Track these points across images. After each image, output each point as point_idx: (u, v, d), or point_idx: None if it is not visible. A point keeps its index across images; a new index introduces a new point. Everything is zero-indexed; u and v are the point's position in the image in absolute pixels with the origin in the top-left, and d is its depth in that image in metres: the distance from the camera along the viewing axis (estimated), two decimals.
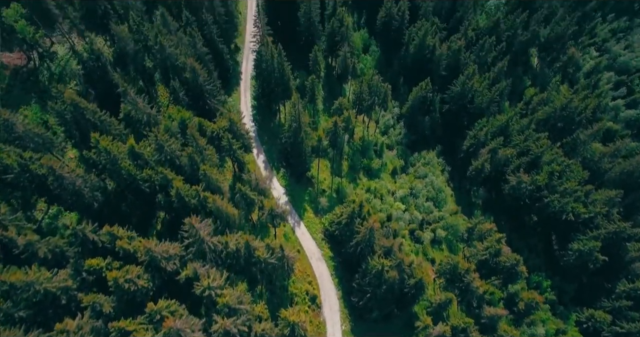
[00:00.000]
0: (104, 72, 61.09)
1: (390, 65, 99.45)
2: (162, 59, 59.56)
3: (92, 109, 46.96)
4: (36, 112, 59.98)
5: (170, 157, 49.92)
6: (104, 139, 44.82)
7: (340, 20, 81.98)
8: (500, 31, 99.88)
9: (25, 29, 56.13)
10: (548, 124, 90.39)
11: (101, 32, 66.87)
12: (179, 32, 65.60)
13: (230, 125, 57.65)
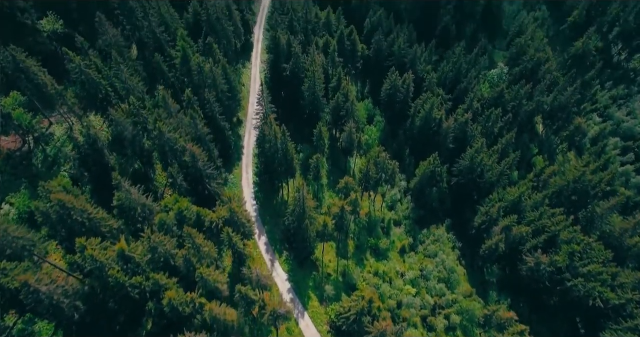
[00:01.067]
0: (100, 155, 58.41)
1: (396, 136, 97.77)
2: (161, 144, 56.89)
3: (80, 208, 43.14)
4: (24, 200, 56.37)
5: (165, 258, 45.44)
6: (90, 244, 40.63)
7: (345, 94, 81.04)
8: (505, 101, 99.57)
9: (22, 117, 54.06)
10: (561, 196, 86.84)
11: (101, 111, 64.89)
12: (179, 112, 63.65)
13: (230, 215, 53.72)
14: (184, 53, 67.92)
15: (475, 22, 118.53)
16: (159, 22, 70.79)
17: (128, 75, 61.45)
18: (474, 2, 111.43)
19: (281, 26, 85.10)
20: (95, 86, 57.95)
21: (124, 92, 63.48)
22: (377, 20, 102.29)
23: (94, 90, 58.34)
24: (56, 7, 68.56)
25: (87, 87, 58.13)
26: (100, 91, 58.75)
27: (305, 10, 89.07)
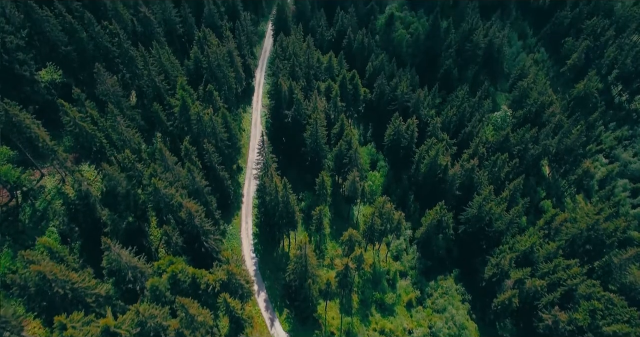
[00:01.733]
0: (91, 210, 55.40)
1: (400, 181, 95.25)
2: (156, 200, 53.97)
3: (62, 279, 39.57)
4: (6, 262, 52.73)
5: (155, 332, 41.41)
6: (71, 321, 36.82)
7: (348, 142, 79.00)
8: (510, 145, 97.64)
9: (10, 173, 51.42)
10: (575, 245, 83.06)
11: (95, 163, 62.31)
12: (177, 165, 61.10)
13: (228, 278, 49.99)
14: (183, 102, 66.24)
15: (476, 65, 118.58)
16: (158, 71, 69.66)
17: (124, 126, 59.40)
18: (475, 46, 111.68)
19: (283, 72, 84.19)
20: (89, 139, 55.74)
21: (121, 143, 61.25)
22: (379, 64, 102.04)
23: (88, 143, 56.05)
24: (57, 58, 67.56)
25: (81, 140, 55.87)
26: (94, 144, 56.44)
27: (307, 55, 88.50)
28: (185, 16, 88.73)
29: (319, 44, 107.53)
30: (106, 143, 58.72)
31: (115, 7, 73.86)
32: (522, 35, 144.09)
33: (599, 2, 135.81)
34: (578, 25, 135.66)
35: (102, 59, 71.56)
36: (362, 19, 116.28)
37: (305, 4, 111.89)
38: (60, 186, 61.04)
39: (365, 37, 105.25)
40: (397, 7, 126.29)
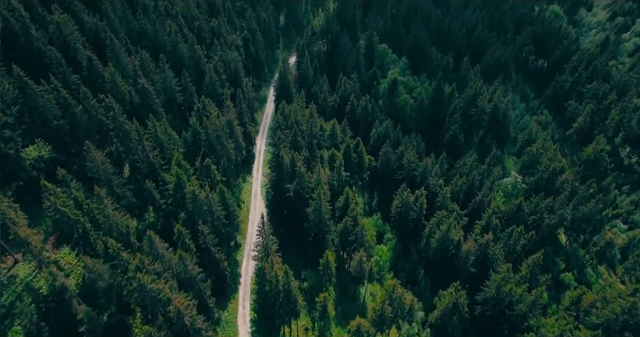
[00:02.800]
0: (67, 306, 49.01)
1: (408, 254, 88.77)
2: (141, 296, 47.67)
3: None
4: None
5: None
6: None
7: (354, 217, 73.69)
8: (524, 215, 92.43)
9: None
10: (610, 330, 74.93)
11: (77, 248, 56.53)
12: (168, 250, 55.36)
13: None
14: (178, 179, 61.94)
15: (482, 129, 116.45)
16: (153, 145, 66.06)
17: (111, 210, 54.40)
18: (480, 111, 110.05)
19: (284, 143, 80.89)
20: (71, 225, 50.53)
21: (107, 227, 55.95)
22: (383, 131, 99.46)
23: (69, 229, 50.78)
24: (48, 132, 64.18)
25: (61, 226, 50.68)
26: (76, 229, 51.16)
27: (310, 124, 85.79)
28: (185, 85, 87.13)
29: (321, 110, 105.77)
30: (90, 228, 53.40)
31: (114, 79, 71.79)
32: (524, 98, 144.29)
33: (596, 67, 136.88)
34: (579, 89, 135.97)
35: (96, 132, 68.38)
36: (364, 84, 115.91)
37: (307, 70, 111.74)
38: (35, 274, 54.75)
39: (369, 103, 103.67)
40: (399, 71, 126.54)
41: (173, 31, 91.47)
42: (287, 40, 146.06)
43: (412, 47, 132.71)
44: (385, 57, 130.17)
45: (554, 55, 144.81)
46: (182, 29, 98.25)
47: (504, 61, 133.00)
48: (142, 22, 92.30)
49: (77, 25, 78.82)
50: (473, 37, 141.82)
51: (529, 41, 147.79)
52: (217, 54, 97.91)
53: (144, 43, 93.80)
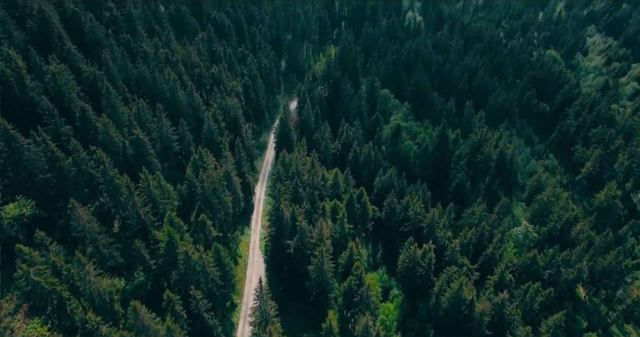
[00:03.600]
0: None
1: (417, 312, 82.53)
2: None
3: None
4: None
5: None
6: None
7: (359, 276, 68.47)
8: (539, 268, 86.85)
9: None
10: None
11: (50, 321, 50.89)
12: (155, 320, 49.89)
13: None
14: (170, 239, 57.43)
15: (489, 175, 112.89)
16: (145, 201, 61.94)
17: (95, 275, 49.52)
18: (487, 157, 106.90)
19: (284, 196, 76.90)
20: (45, 296, 45.44)
21: (88, 294, 50.77)
22: (387, 180, 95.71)
23: (43, 302, 45.66)
24: (32, 186, 60.40)
25: (33, 298, 45.64)
26: (51, 301, 46.02)
27: (312, 175, 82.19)
28: (183, 134, 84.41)
29: (323, 158, 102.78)
30: (68, 296, 48.21)
31: (107, 130, 68.95)
32: (529, 142, 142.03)
33: (600, 111, 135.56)
34: (584, 133, 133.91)
35: (84, 185, 64.57)
36: (367, 131, 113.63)
37: (308, 116, 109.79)
38: None
39: (372, 150, 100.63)
40: (402, 116, 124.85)
41: (172, 79, 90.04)
42: (288, 84, 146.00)
43: (414, 92, 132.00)
44: (388, 102, 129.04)
45: (556, 99, 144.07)
46: (182, 76, 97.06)
47: (507, 106, 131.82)
48: (141, 70, 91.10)
49: (74, 74, 77.37)
50: (474, 82, 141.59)
51: (530, 85, 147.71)
52: (216, 101, 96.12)
53: (143, 91, 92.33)
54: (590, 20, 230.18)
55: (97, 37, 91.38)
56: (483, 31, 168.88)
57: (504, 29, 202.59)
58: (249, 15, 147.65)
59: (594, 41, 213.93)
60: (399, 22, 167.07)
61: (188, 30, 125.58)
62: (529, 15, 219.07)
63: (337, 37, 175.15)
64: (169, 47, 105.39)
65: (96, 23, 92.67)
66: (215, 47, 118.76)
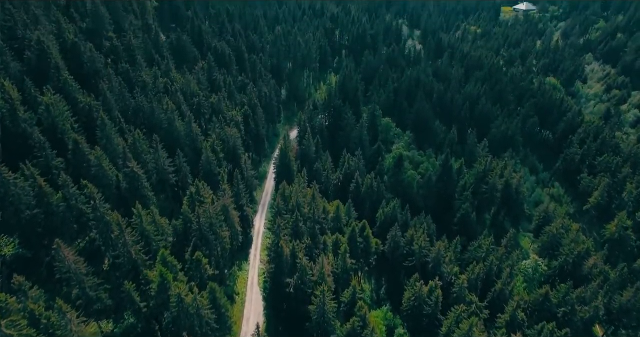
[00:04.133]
0: None
1: None
2: None
3: None
4: None
5: None
6: None
7: (363, 318, 64.20)
8: (552, 306, 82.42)
9: None
10: None
11: None
12: None
13: None
14: (162, 280, 53.84)
15: (494, 206, 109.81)
16: (136, 239, 58.65)
17: (77, 323, 45.76)
18: (492, 188, 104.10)
19: (284, 231, 73.59)
20: None
21: None
22: (390, 212, 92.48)
23: None
24: (17, 223, 57.39)
25: None
26: None
27: (312, 208, 79.14)
28: (180, 165, 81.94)
29: (324, 188, 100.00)
30: None
31: (100, 163, 66.46)
32: (533, 170, 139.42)
33: (605, 139, 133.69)
34: (589, 161, 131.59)
35: (73, 222, 61.46)
36: (369, 160, 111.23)
37: (309, 145, 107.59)
38: None
39: (374, 181, 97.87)
40: (404, 145, 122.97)
41: (170, 108, 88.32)
42: (288, 113, 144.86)
43: (415, 120, 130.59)
44: (389, 130, 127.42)
45: (559, 127, 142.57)
46: (180, 105, 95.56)
47: (510, 134, 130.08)
48: (139, 100, 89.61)
49: (70, 105, 75.79)
50: (476, 110, 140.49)
51: (532, 113, 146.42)
52: (215, 131, 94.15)
53: (140, 121, 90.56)
54: (587, 48, 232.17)
55: (96, 66, 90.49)
56: (483, 59, 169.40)
57: (503, 57, 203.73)
58: (249, 44, 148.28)
59: (592, 69, 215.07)
60: (399, 50, 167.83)
61: (188, 59, 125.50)
62: (527, 43, 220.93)
63: (337, 65, 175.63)
64: (168, 76, 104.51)
65: (95, 53, 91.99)
66: (215, 76, 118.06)
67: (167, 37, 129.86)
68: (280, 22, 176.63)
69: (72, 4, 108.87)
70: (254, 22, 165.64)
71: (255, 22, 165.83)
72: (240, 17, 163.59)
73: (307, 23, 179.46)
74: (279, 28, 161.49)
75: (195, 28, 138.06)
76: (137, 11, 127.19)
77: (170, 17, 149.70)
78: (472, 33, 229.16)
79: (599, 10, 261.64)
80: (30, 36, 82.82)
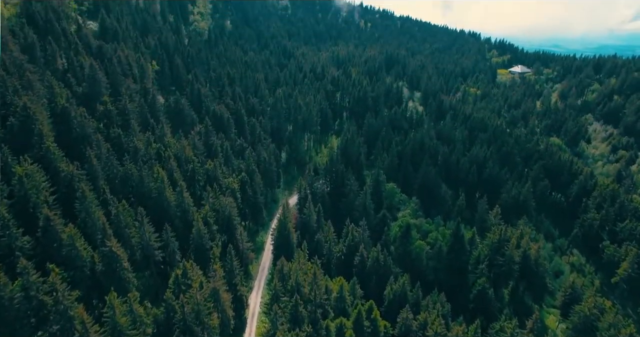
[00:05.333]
0: None
1: None
2: None
3: None
4: None
5: None
6: None
7: None
8: None
9: None
10: None
11: None
12: None
13: None
14: None
15: (513, 279, 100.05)
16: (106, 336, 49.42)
17: None
18: (509, 260, 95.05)
19: (282, 319, 64.06)
20: None
21: None
22: (399, 290, 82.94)
23: None
24: None
25: None
26: None
27: (314, 290, 70.00)
28: (167, 240, 74.01)
29: (326, 261, 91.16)
30: None
31: (73, 242, 58.66)
32: (548, 236, 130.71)
33: (623, 203, 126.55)
34: (610, 227, 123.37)
35: (32, 315, 52.33)
36: (374, 229, 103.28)
37: (309, 214, 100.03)
38: None
39: (381, 254, 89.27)
40: (411, 212, 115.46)
41: (160, 177, 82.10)
42: (288, 177, 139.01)
43: (421, 185, 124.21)
44: (394, 196, 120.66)
45: (572, 190, 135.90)
46: (173, 173, 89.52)
47: (522, 199, 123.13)
48: (128, 167, 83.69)
49: (50, 175, 69.72)
50: (484, 174, 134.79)
51: (541, 175, 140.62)
52: (209, 202, 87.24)
53: (128, 190, 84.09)
54: (586, 109, 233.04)
55: (86, 132, 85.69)
56: (486, 121, 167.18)
57: (505, 118, 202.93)
58: (249, 107, 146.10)
59: (595, 129, 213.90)
60: (401, 112, 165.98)
61: (186, 123, 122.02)
62: (527, 104, 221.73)
63: (338, 128, 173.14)
64: (162, 141, 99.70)
65: (87, 118, 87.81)
66: (212, 140, 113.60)
67: (165, 100, 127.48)
68: (281, 84, 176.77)
69: (70, 69, 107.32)
70: (255, 85, 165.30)
71: (257, 85, 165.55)
72: (241, 80, 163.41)
73: (308, 86, 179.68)
74: (280, 91, 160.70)
75: (194, 91, 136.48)
76: (136, 75, 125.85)
77: (172, 80, 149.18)
78: (473, 95, 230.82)
79: (592, 74, 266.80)
80: (17, 102, 78.82)
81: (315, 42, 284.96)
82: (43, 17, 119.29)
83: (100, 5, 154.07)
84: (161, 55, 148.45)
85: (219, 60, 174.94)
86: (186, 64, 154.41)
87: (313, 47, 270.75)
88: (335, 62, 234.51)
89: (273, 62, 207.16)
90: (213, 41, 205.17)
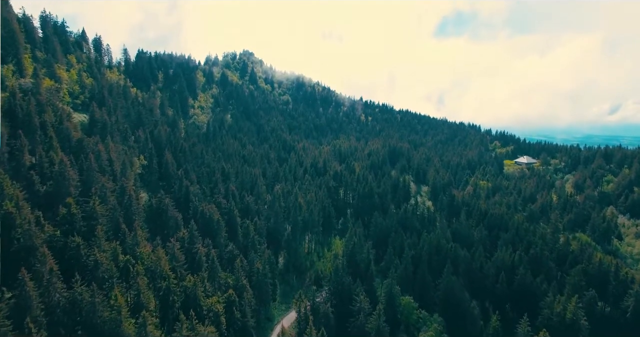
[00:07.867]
0: None
1: None
2: None
3: None
4: None
5: None
6: None
7: None
8: None
9: None
10: None
11: None
12: None
13: None
14: None
15: None
16: None
17: None
18: None
19: None
20: None
21: None
22: None
23: None
24: None
25: None
26: None
27: None
28: None
29: None
30: None
31: None
32: None
33: None
34: None
35: None
36: None
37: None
38: None
39: None
40: (435, 334, 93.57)
41: (119, 305, 63.75)
42: (286, 287, 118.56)
43: (444, 299, 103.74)
44: (412, 314, 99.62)
45: (628, 302, 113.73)
46: (140, 295, 71.29)
47: (571, 317, 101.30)
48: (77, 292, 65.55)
49: None
50: (515, 282, 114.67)
51: (583, 283, 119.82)
52: (182, 336, 67.48)
53: (75, 321, 65.22)
54: (605, 200, 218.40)
55: (31, 244, 69.48)
56: (506, 218, 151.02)
57: (523, 214, 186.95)
58: (244, 206, 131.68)
59: (622, 223, 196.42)
60: (412, 210, 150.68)
61: (168, 226, 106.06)
62: (543, 197, 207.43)
63: (342, 227, 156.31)
64: (132, 252, 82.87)
65: (38, 225, 72.43)
66: (196, 249, 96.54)
67: (147, 201, 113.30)
68: (280, 180, 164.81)
69: (38, 165, 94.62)
70: (252, 182, 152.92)
71: (253, 181, 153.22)
72: (237, 176, 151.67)
73: (309, 182, 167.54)
74: (278, 187, 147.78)
75: (182, 189, 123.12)
76: (117, 171, 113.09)
77: (159, 176, 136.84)
78: (484, 188, 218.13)
79: (604, 164, 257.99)
80: None
81: (317, 136, 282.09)
82: (24, 110, 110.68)
83: (95, 99, 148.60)
84: (150, 150, 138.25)
85: (214, 154, 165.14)
86: (177, 159, 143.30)
87: (314, 140, 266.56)
88: (337, 156, 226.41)
89: (272, 156, 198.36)
90: (211, 134, 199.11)
